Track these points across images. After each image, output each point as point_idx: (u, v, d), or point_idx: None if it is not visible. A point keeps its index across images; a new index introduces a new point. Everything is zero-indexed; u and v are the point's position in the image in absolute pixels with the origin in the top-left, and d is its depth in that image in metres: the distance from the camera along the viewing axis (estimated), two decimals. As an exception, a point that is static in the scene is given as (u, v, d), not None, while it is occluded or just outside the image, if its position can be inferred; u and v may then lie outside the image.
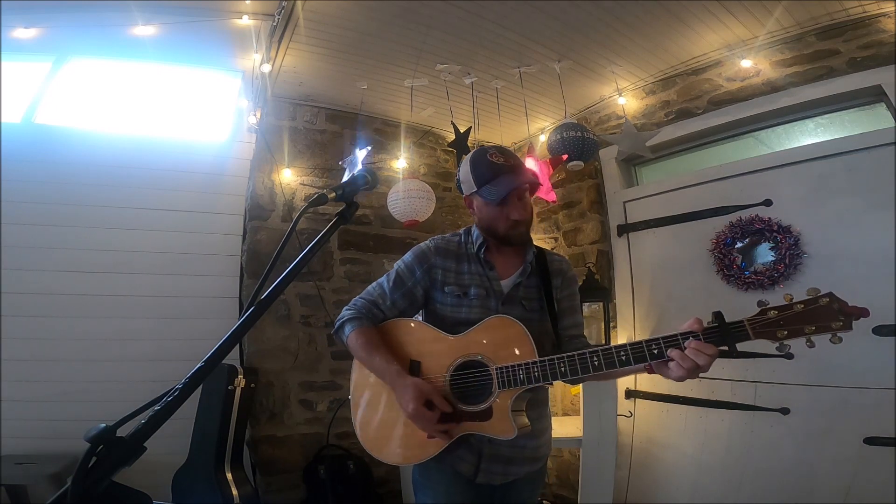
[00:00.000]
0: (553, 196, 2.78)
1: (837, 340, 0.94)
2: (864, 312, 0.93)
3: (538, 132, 3.54)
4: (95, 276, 2.76)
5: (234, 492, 2.49)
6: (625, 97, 3.07)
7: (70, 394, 2.63)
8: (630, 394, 2.91)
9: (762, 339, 0.99)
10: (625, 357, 1.08)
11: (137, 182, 2.89)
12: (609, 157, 3.21)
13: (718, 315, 1.02)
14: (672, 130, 2.88)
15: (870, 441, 2.05)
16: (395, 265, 1.41)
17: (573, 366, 1.12)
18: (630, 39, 2.62)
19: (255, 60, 2.90)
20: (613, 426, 2.64)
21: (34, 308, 2.64)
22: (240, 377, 2.67)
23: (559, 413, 3.23)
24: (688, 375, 1.03)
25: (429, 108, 3.32)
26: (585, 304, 2.87)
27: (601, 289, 2.92)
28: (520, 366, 1.17)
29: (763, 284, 2.42)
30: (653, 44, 2.67)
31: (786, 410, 2.31)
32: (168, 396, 0.67)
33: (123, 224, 2.85)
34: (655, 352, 1.05)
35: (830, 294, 0.96)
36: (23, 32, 2.59)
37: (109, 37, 2.72)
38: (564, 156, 2.62)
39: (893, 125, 2.16)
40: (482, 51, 2.71)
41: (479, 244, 1.36)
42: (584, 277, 2.86)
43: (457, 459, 1.30)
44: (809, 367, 2.23)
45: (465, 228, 1.45)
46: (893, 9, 2.16)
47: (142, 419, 0.66)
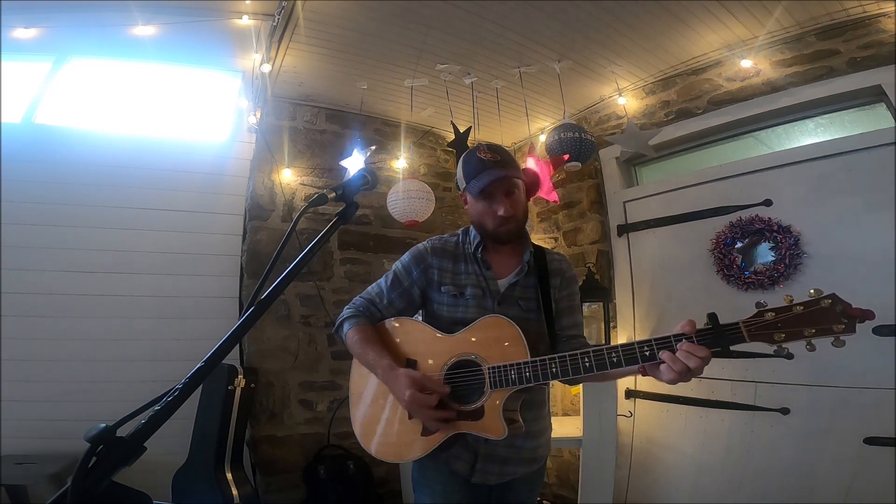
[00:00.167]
0: (555, 196, 2.77)
1: (840, 344, 0.89)
2: (870, 315, 0.88)
3: (538, 132, 3.54)
4: (95, 276, 2.76)
5: (234, 492, 2.49)
6: (625, 97, 3.07)
7: (70, 394, 2.63)
8: (630, 394, 2.91)
9: (758, 343, 0.95)
10: (616, 359, 1.06)
11: (137, 182, 2.89)
12: (609, 157, 3.21)
13: (712, 316, 0.99)
14: (672, 130, 2.88)
15: (870, 441, 2.05)
16: (394, 266, 1.42)
17: (564, 367, 1.11)
18: (630, 39, 2.62)
19: (255, 60, 2.90)
20: (613, 426, 2.64)
21: (34, 308, 2.64)
22: (240, 377, 2.67)
23: (559, 413, 3.23)
24: (679, 378, 1.00)
25: (429, 108, 3.32)
26: (585, 304, 2.87)
27: (601, 289, 2.92)
28: (511, 366, 1.16)
29: (763, 284, 2.42)
30: (653, 44, 2.67)
31: (786, 410, 2.31)
32: (168, 396, 0.67)
33: (123, 224, 2.85)
34: (647, 354, 1.03)
35: (833, 295, 0.91)
36: (23, 32, 2.59)
37: (109, 37, 2.72)
38: (566, 156, 2.62)
39: (893, 125, 2.16)
40: (482, 51, 2.70)
41: (477, 244, 1.37)
42: (584, 277, 2.86)
43: (453, 458, 1.30)
44: (809, 367, 2.23)
45: (464, 228, 1.45)
46: (893, 9, 2.16)
47: (142, 419, 0.66)
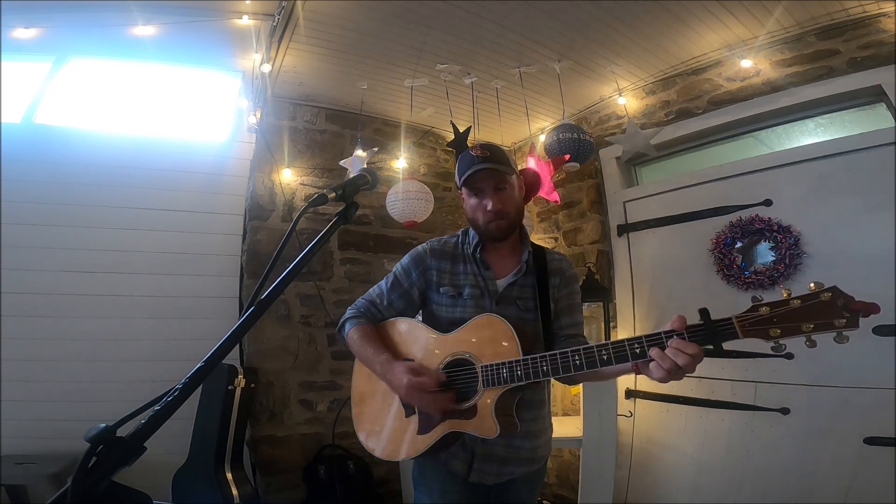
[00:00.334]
0: (556, 196, 2.78)
1: (842, 340, 0.84)
2: (874, 308, 0.82)
3: (538, 132, 3.54)
4: (95, 276, 2.76)
5: (234, 492, 2.49)
6: (625, 97, 3.07)
7: (70, 394, 2.63)
8: (630, 394, 2.91)
9: (753, 339, 0.90)
10: (606, 356, 1.04)
11: (137, 182, 2.89)
12: (609, 157, 3.21)
13: (704, 312, 0.94)
14: (672, 130, 2.88)
15: (870, 441, 2.05)
16: (394, 268, 1.44)
17: (555, 364, 1.10)
18: (630, 39, 2.62)
19: (255, 60, 2.90)
20: (613, 426, 2.64)
21: (34, 308, 2.64)
22: (240, 377, 2.67)
23: (559, 413, 3.23)
24: (668, 376, 0.96)
25: (429, 108, 3.32)
26: (585, 304, 2.87)
27: (601, 289, 2.92)
28: (503, 364, 1.16)
29: (763, 284, 2.42)
30: (653, 44, 2.67)
31: (786, 410, 2.31)
32: (168, 396, 0.67)
33: (123, 224, 2.84)
34: (638, 351, 1.00)
35: (834, 288, 0.86)
36: (23, 32, 2.58)
37: (109, 37, 2.72)
38: (567, 156, 2.62)
39: (893, 125, 2.16)
40: (482, 51, 2.70)
41: (475, 244, 1.37)
42: (584, 277, 2.86)
43: (451, 458, 1.30)
44: (809, 367, 2.23)
45: (464, 229, 1.45)
46: (893, 9, 2.16)
47: (142, 419, 0.66)
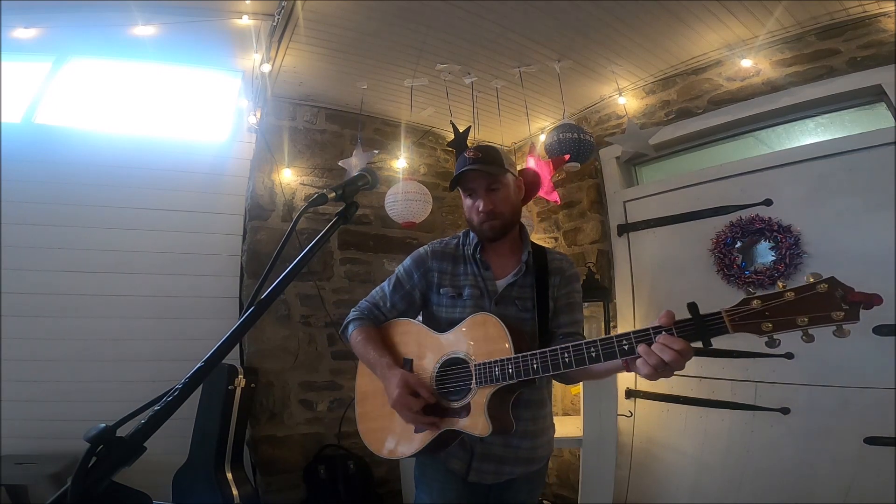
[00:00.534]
0: (555, 196, 2.77)
1: (842, 334, 0.79)
2: (875, 299, 0.76)
3: (538, 132, 3.54)
4: (95, 276, 2.76)
5: (235, 492, 2.50)
6: (625, 97, 3.07)
7: (70, 394, 2.63)
8: (630, 393, 2.91)
9: (744, 334, 0.86)
10: (595, 353, 1.03)
11: (137, 182, 2.89)
12: (609, 157, 3.21)
13: (692, 307, 0.91)
14: (672, 130, 2.88)
15: (870, 441, 2.05)
16: (396, 269, 1.46)
17: (545, 362, 1.10)
18: (630, 39, 2.62)
19: (255, 60, 2.90)
20: (613, 426, 2.64)
21: (34, 308, 2.64)
22: (240, 377, 2.67)
23: (559, 413, 3.23)
24: (655, 373, 0.93)
25: (429, 108, 3.31)
26: (585, 304, 2.87)
27: (601, 288, 2.92)
28: (496, 362, 1.17)
29: (763, 284, 2.41)
30: (653, 44, 2.66)
31: (786, 410, 2.31)
32: (168, 396, 0.67)
33: (123, 224, 2.84)
34: (626, 348, 0.99)
35: (832, 279, 0.80)
36: (23, 32, 2.58)
37: (109, 37, 2.72)
38: (567, 156, 2.62)
39: (893, 125, 2.16)
40: (482, 51, 2.70)
41: (475, 245, 1.38)
42: (585, 277, 2.86)
43: (450, 457, 1.31)
44: (810, 367, 2.23)
45: (465, 230, 1.46)
46: (893, 8, 2.16)
47: (142, 419, 0.66)
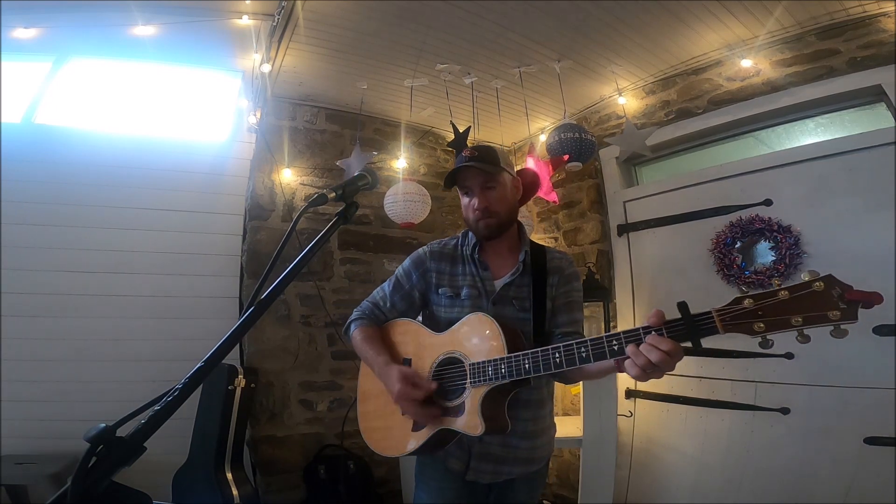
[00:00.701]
0: (554, 196, 2.77)
1: (840, 334, 0.76)
2: (876, 298, 0.73)
3: (538, 132, 3.54)
4: (95, 276, 2.76)
5: (235, 492, 2.49)
6: (625, 97, 3.07)
7: (70, 394, 2.63)
8: (630, 393, 2.91)
9: (736, 334, 0.84)
10: (585, 353, 1.02)
11: (137, 182, 2.89)
12: (609, 157, 3.21)
13: (682, 306, 0.89)
14: (672, 130, 2.88)
15: (870, 441, 2.05)
16: (396, 270, 1.47)
17: (536, 362, 1.10)
18: (630, 39, 2.62)
19: (255, 60, 2.90)
20: (613, 426, 2.64)
21: (34, 308, 2.64)
22: (240, 377, 2.66)
23: (559, 413, 3.23)
24: (643, 374, 0.92)
25: (429, 108, 3.31)
26: (585, 304, 2.87)
27: (601, 289, 2.92)
28: (489, 362, 1.17)
29: (763, 284, 2.41)
30: (653, 44, 2.66)
31: (786, 410, 2.31)
32: (168, 396, 0.67)
33: (123, 224, 2.84)
34: (616, 348, 0.98)
35: (828, 277, 0.77)
36: (23, 32, 2.58)
37: (109, 37, 2.72)
38: (566, 156, 2.62)
39: (893, 125, 2.16)
40: (482, 51, 2.70)
41: (473, 245, 1.39)
42: (585, 277, 2.86)
43: (448, 456, 1.31)
44: (810, 367, 2.23)
45: (464, 230, 1.46)
46: (893, 8, 2.16)
47: (142, 419, 0.66)
